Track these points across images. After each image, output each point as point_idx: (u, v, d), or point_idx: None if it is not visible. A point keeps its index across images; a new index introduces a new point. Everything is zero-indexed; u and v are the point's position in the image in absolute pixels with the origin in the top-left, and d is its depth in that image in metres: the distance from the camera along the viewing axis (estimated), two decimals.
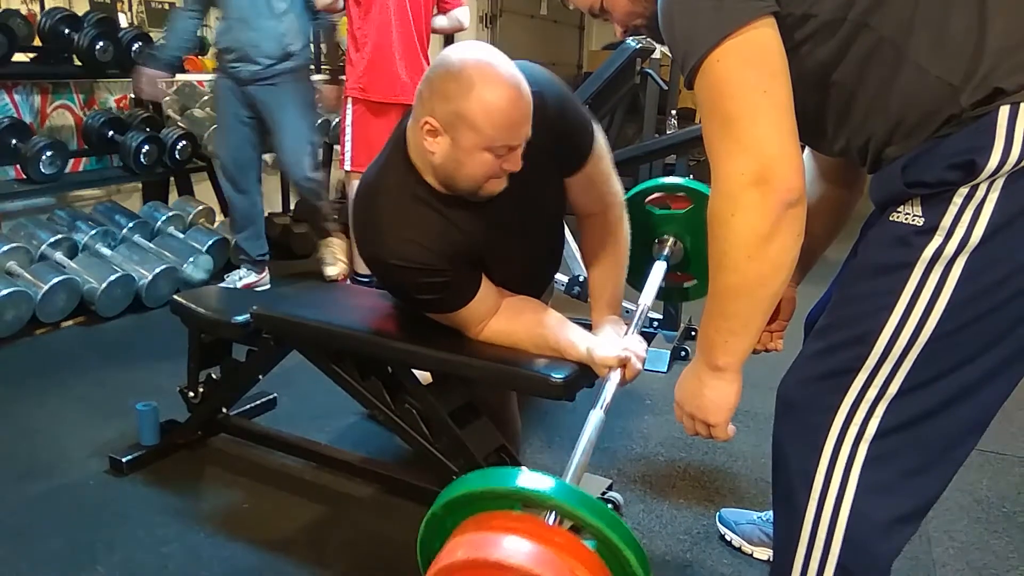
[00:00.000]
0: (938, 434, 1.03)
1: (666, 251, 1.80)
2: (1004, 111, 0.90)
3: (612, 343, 1.49)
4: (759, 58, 0.95)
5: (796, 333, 1.48)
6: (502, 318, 1.57)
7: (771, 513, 1.78)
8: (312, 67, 3.49)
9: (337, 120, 4.79)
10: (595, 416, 1.29)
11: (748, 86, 0.94)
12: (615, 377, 1.42)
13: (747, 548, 1.79)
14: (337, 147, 5.42)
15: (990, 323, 0.96)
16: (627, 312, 1.73)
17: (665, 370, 2.80)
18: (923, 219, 0.96)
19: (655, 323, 2.99)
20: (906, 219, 0.98)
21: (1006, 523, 1.97)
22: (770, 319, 1.49)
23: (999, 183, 0.92)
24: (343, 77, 3.53)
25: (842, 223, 1.41)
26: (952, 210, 0.94)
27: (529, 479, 1.00)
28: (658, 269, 1.72)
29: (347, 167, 3.41)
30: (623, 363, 1.44)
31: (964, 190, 0.93)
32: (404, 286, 1.53)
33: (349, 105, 3.37)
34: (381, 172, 1.53)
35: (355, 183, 3.31)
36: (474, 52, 1.39)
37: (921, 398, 1.01)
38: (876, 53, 0.97)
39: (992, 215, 0.92)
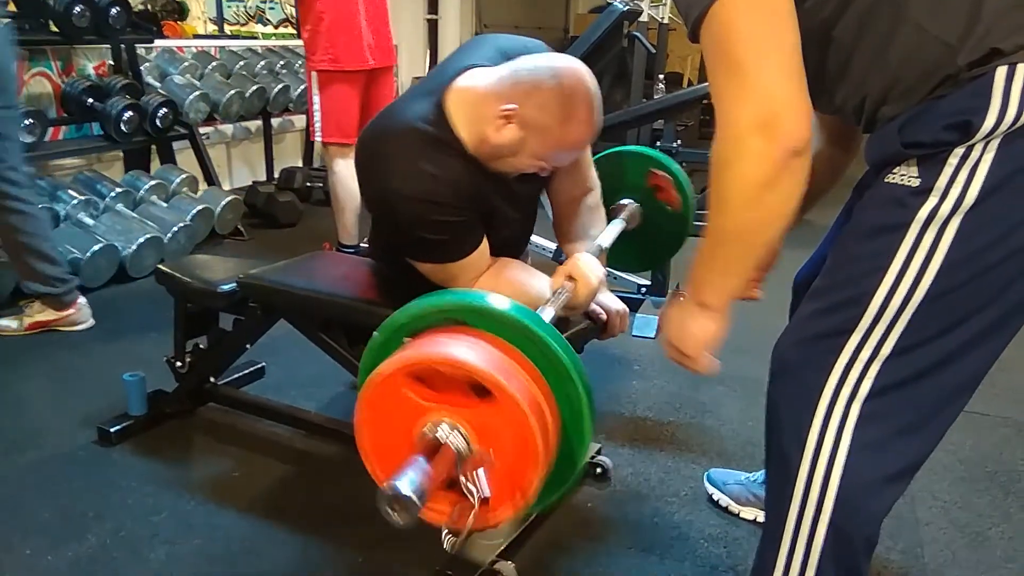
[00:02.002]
0: (930, 394, 1.04)
1: (624, 214, 1.82)
2: (1001, 72, 0.89)
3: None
4: (765, 2, 0.93)
5: (784, 295, 1.48)
6: (489, 277, 1.58)
7: (759, 474, 1.80)
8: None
9: (302, 89, 4.75)
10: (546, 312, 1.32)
11: (754, 30, 0.93)
12: (567, 288, 1.45)
13: (734, 508, 1.81)
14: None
15: (983, 284, 0.97)
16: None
17: (653, 336, 2.81)
18: (919, 180, 0.96)
19: (643, 289, 3.00)
20: (902, 180, 0.98)
21: (988, 482, 2.00)
22: None
23: (994, 144, 0.91)
24: None
25: (834, 183, 1.41)
26: (947, 171, 0.94)
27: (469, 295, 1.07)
28: (616, 224, 1.75)
29: (318, 137, 3.32)
30: (568, 275, 1.47)
31: (960, 151, 0.93)
32: (412, 222, 1.49)
33: (315, 78, 3.29)
34: (411, 111, 1.51)
35: (334, 155, 3.29)
36: (582, 79, 1.45)
37: (914, 358, 1.02)
38: (875, 10, 0.96)
39: (987, 176, 0.92)
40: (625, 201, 1.87)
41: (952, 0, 0.92)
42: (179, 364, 2.08)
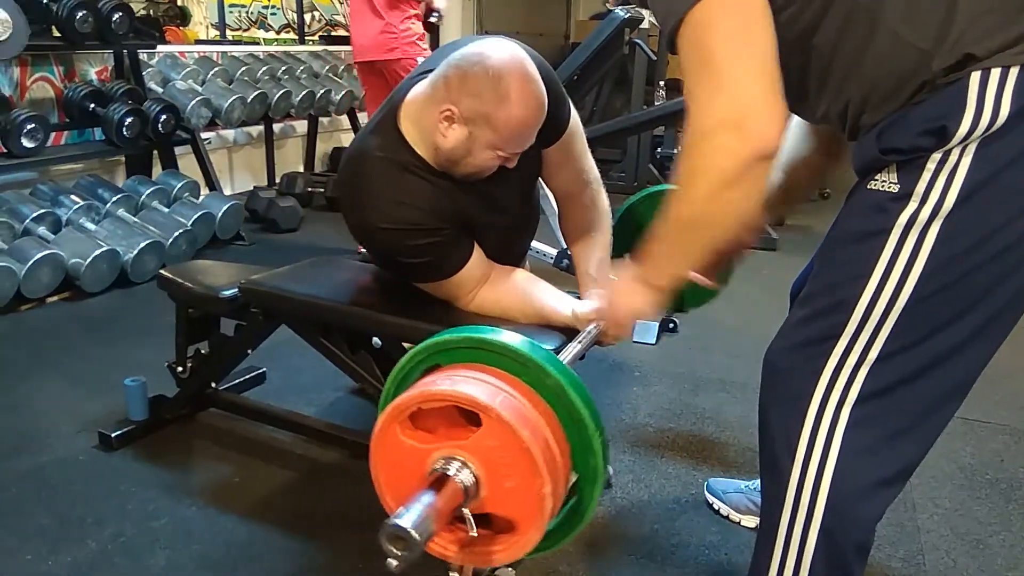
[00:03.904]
0: (918, 398, 1.05)
1: None
2: (975, 77, 0.90)
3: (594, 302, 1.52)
4: (741, 7, 0.94)
5: (783, 302, 1.48)
6: (491, 287, 1.58)
7: (757, 482, 1.80)
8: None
9: (304, 94, 4.82)
10: (571, 348, 1.31)
11: (730, 32, 0.94)
12: (594, 328, 1.44)
13: (735, 516, 1.81)
14: (323, 119, 5.41)
15: (967, 288, 0.98)
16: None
17: (654, 342, 2.82)
18: (898, 185, 0.97)
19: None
20: (882, 186, 0.99)
21: (989, 489, 2.00)
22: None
23: (971, 148, 0.92)
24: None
25: (815, 186, 1.46)
26: (926, 176, 0.95)
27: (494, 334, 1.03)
28: None
29: None
30: (603, 316, 1.46)
31: (937, 156, 0.94)
32: (395, 251, 1.52)
33: None
34: (369, 141, 1.53)
35: None
36: (512, 57, 1.41)
37: (901, 363, 1.02)
38: (852, 18, 0.97)
39: (965, 180, 0.93)
40: None
41: (926, 6, 0.92)
42: (180, 369, 2.08)
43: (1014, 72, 0.89)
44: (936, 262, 0.96)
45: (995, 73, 0.89)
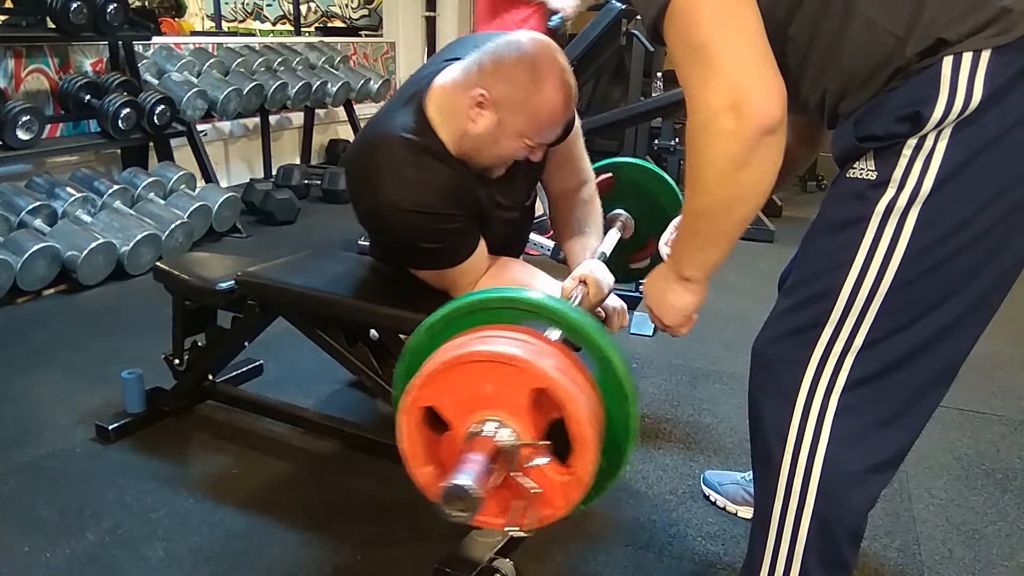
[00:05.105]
0: (906, 384, 1.06)
1: (617, 225, 1.83)
2: (947, 61, 0.90)
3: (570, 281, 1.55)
4: None
5: (771, 292, 1.49)
6: (490, 278, 1.59)
7: None
8: None
9: (300, 85, 4.79)
10: None
11: (715, 13, 0.93)
12: (579, 293, 1.47)
13: (731, 508, 1.82)
14: (319, 111, 5.39)
15: (948, 272, 0.98)
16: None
17: (651, 334, 2.82)
18: (876, 172, 0.98)
19: (641, 287, 2.99)
20: (861, 174, 1.00)
21: (985, 480, 2.01)
22: None
23: (946, 133, 0.93)
24: None
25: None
26: (902, 162, 0.95)
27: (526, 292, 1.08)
28: (613, 233, 1.79)
29: None
30: (582, 279, 1.49)
31: (913, 142, 0.94)
32: (412, 234, 1.50)
33: None
34: (394, 123, 1.51)
35: None
36: (548, 48, 1.44)
37: (886, 349, 1.03)
38: (827, 7, 0.98)
39: (941, 165, 0.93)
40: (617, 211, 1.88)
41: None
42: (177, 362, 2.08)
43: (986, 55, 0.89)
44: (916, 248, 0.97)
45: (967, 57, 0.89)
